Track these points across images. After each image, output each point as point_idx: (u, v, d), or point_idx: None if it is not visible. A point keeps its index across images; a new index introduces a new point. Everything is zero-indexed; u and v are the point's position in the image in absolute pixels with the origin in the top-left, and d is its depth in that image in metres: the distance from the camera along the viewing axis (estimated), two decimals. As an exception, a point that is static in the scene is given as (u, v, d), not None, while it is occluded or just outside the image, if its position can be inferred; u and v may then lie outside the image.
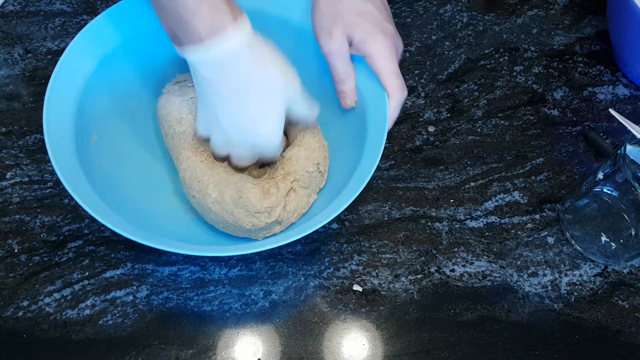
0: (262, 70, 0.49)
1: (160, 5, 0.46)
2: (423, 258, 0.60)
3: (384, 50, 0.54)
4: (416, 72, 0.72)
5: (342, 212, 0.50)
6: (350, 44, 0.55)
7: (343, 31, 0.54)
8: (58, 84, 0.53)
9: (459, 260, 0.60)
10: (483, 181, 0.65)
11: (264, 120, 0.52)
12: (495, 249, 0.61)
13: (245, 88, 0.49)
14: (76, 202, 0.60)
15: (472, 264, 0.60)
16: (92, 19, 0.56)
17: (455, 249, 0.61)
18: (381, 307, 0.58)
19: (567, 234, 0.62)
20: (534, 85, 0.72)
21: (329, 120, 0.60)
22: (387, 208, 0.63)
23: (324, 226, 0.60)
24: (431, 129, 0.68)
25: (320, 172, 0.57)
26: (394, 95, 0.55)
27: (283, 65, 0.51)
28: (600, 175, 0.57)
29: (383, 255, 0.60)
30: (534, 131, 0.69)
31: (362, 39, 0.53)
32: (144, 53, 0.59)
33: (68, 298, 0.56)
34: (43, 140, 0.63)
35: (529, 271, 0.60)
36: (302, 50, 0.59)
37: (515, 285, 0.60)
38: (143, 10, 0.57)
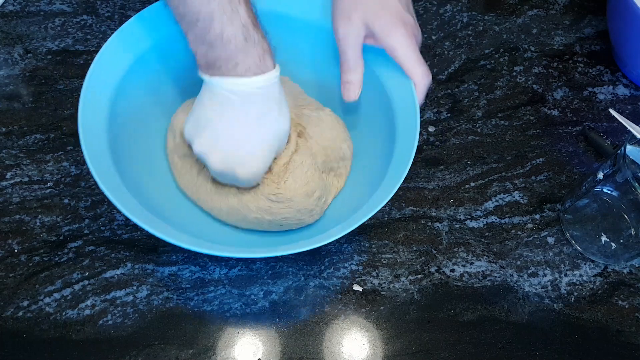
0: (278, 112, 0.51)
1: (206, 42, 0.48)
2: (423, 258, 0.60)
3: (405, 41, 0.53)
4: (416, 72, 0.72)
5: (357, 226, 0.50)
6: (369, 35, 0.54)
7: (363, 18, 0.53)
8: (93, 82, 0.53)
9: (459, 260, 0.61)
10: (483, 181, 0.65)
11: (257, 155, 0.52)
12: (495, 249, 0.61)
13: (256, 121, 0.50)
14: (76, 202, 0.60)
15: (472, 264, 0.60)
16: (92, 19, 0.56)
17: (455, 249, 0.61)
18: (381, 307, 0.58)
19: (567, 234, 0.62)
20: (534, 85, 0.72)
21: (355, 121, 0.61)
22: (387, 208, 0.63)
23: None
24: (431, 129, 0.68)
25: (338, 154, 0.58)
26: (421, 82, 0.55)
27: (288, 118, 0.53)
28: (600, 175, 0.57)
29: (383, 255, 0.60)
30: (534, 131, 0.69)
31: (383, 30, 0.53)
32: (176, 54, 0.59)
33: (68, 298, 0.56)
34: (43, 140, 0.64)
35: (529, 271, 0.60)
36: (320, 51, 0.60)
37: (515, 285, 0.60)
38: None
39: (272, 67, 0.50)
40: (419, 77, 0.54)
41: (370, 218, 0.62)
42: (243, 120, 0.50)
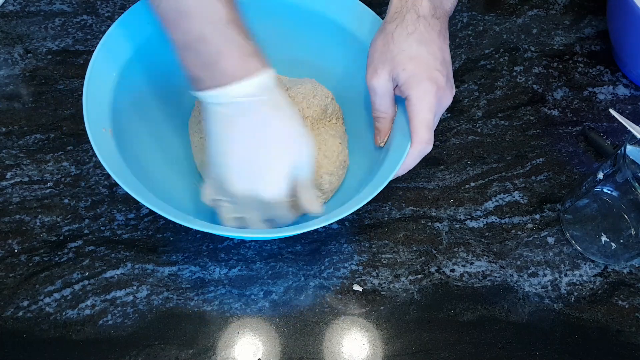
0: (280, 120, 0.48)
1: (189, 50, 0.46)
2: (423, 258, 0.60)
3: (425, 97, 0.51)
4: (416, 72, 0.72)
5: (356, 209, 0.50)
6: (396, 86, 0.54)
7: (389, 71, 0.53)
8: (97, 69, 0.53)
9: (459, 260, 0.60)
10: (483, 181, 0.65)
11: (272, 173, 0.48)
12: (495, 249, 0.61)
13: (261, 133, 0.47)
14: (76, 202, 0.60)
15: (472, 264, 0.60)
16: (92, 19, 0.56)
17: (455, 249, 0.61)
18: (381, 307, 0.58)
19: (567, 234, 0.62)
20: (534, 85, 0.72)
21: (355, 132, 0.63)
22: (387, 208, 0.63)
23: (324, 226, 0.61)
24: (431, 129, 0.68)
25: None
26: (417, 145, 0.52)
27: (301, 127, 0.50)
28: (600, 175, 0.57)
29: (383, 255, 0.60)
30: (534, 131, 0.69)
31: (406, 82, 0.52)
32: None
33: (68, 298, 0.56)
34: (43, 140, 0.64)
35: (529, 271, 0.60)
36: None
37: (515, 285, 0.60)
38: None
39: (260, 69, 0.47)
40: (418, 139, 0.52)
41: (370, 218, 0.62)
42: (245, 134, 0.47)
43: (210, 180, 0.51)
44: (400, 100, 0.55)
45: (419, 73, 0.51)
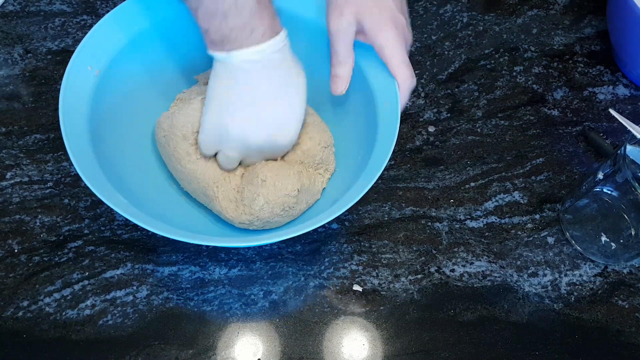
0: (296, 68, 0.52)
1: (219, 13, 0.48)
2: (423, 258, 0.60)
3: (393, 41, 0.53)
4: (416, 72, 0.71)
5: (342, 212, 0.50)
6: (360, 31, 0.54)
7: (354, 14, 0.53)
8: (76, 68, 0.53)
9: (459, 260, 0.61)
10: (483, 181, 0.65)
11: (294, 116, 0.53)
12: (495, 249, 0.61)
13: (285, 83, 0.52)
14: (76, 202, 0.60)
15: (472, 264, 0.60)
16: (92, 19, 0.56)
17: (455, 249, 0.61)
18: (381, 307, 0.58)
19: (567, 234, 0.62)
20: (534, 85, 0.72)
21: (339, 116, 0.61)
22: (387, 208, 0.63)
23: (324, 226, 0.61)
24: (431, 129, 0.68)
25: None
26: (404, 83, 0.55)
27: (304, 74, 0.54)
28: (600, 175, 0.57)
29: (383, 255, 0.60)
30: (534, 131, 0.69)
31: (373, 27, 0.53)
32: (171, 38, 0.60)
33: (68, 298, 0.56)
34: (43, 140, 0.64)
35: (529, 271, 0.60)
36: (314, 48, 0.60)
37: (515, 285, 0.60)
38: None
39: (282, 27, 0.51)
40: (403, 78, 0.54)
41: (370, 218, 0.62)
42: (270, 87, 0.51)
43: (208, 135, 0.54)
44: (359, 46, 0.55)
45: (384, 18, 0.53)
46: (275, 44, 0.49)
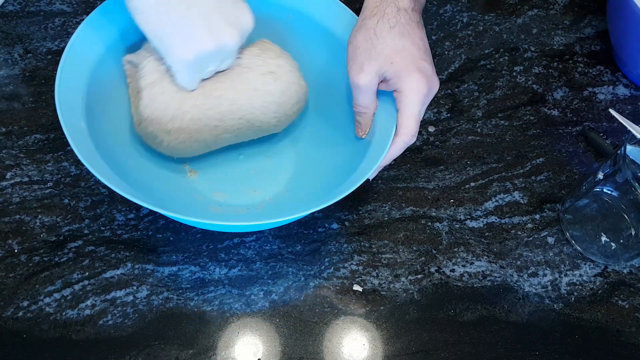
0: None
1: None
2: (423, 258, 0.60)
3: (415, 90, 0.52)
4: (416, 72, 0.72)
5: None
6: (383, 80, 0.54)
7: (376, 68, 0.53)
8: (73, 53, 0.54)
9: (459, 260, 0.61)
10: (483, 181, 0.65)
11: (233, 24, 0.53)
12: (495, 249, 0.61)
13: None
14: (76, 202, 0.60)
15: (472, 264, 0.60)
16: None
17: (455, 249, 0.61)
18: (381, 307, 0.58)
19: (567, 234, 0.62)
20: (534, 85, 0.72)
21: (334, 125, 0.62)
22: (387, 208, 0.63)
23: (324, 226, 0.61)
24: (431, 129, 0.68)
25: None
26: (404, 137, 0.54)
27: None
28: (600, 175, 0.57)
29: (383, 255, 0.60)
30: (534, 131, 0.69)
31: (396, 74, 0.52)
32: None
33: (68, 298, 0.56)
34: (43, 140, 0.64)
35: (529, 271, 0.60)
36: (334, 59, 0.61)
37: (515, 285, 0.60)
38: None
39: None
40: (405, 131, 0.53)
41: (370, 218, 0.62)
42: None
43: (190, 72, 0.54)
44: (381, 93, 0.55)
45: (407, 65, 0.52)
46: None
